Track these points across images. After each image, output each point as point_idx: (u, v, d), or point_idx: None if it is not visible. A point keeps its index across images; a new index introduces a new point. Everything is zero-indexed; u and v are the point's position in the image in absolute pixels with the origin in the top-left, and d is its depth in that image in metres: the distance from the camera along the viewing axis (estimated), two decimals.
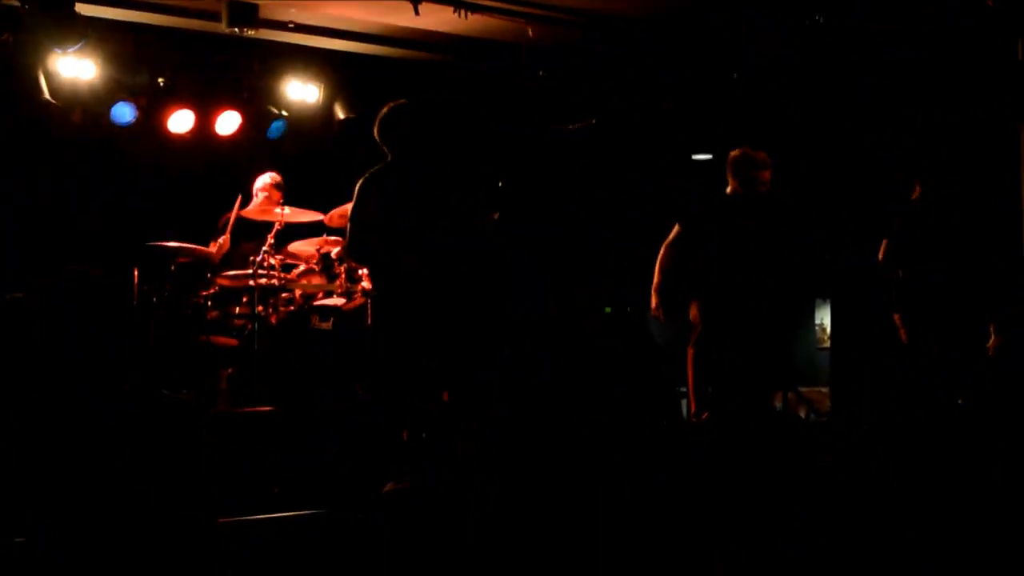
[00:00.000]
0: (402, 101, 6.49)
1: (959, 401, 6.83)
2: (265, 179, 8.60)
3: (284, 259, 8.18)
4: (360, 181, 6.36)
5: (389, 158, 6.43)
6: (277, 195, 8.41)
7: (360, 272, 7.81)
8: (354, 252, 6.64)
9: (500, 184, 7.78)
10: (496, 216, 7.13)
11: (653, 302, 7.57)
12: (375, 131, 6.45)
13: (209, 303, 8.11)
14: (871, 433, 6.98)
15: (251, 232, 8.44)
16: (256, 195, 8.59)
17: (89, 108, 8.40)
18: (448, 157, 6.77)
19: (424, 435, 6.29)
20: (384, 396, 6.55)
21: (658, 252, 7.64)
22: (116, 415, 6.41)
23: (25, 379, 6.73)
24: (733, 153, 7.45)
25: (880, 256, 7.35)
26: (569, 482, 5.80)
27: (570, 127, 9.28)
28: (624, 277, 8.92)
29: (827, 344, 10.01)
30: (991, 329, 6.76)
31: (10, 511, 5.05)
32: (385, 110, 6.44)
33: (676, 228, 7.55)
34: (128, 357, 7.46)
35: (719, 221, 7.43)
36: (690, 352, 7.54)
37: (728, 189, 7.47)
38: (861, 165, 8.86)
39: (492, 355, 6.94)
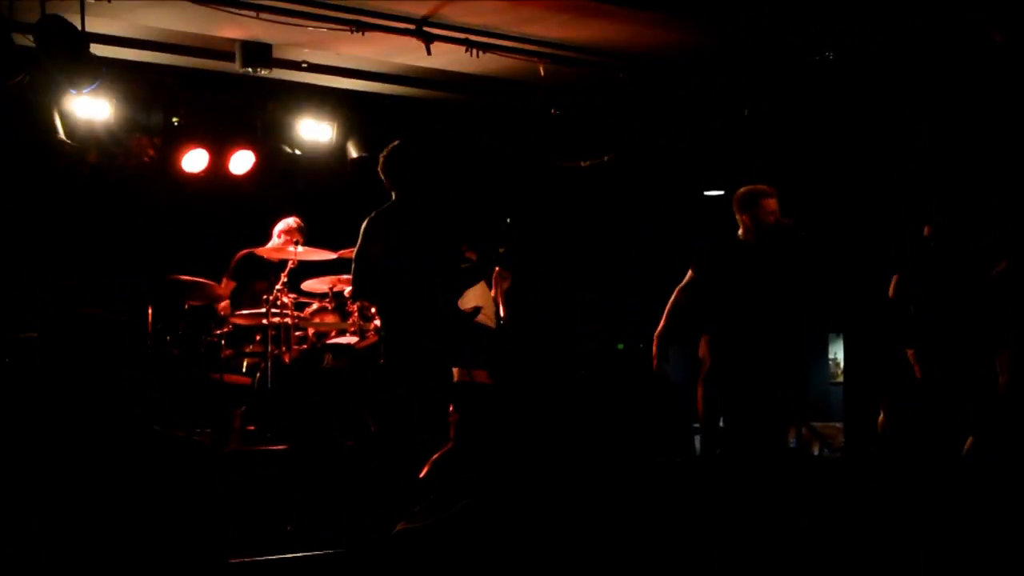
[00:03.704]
0: (403, 142, 6.52)
1: (971, 439, 6.78)
2: (288, 223, 8.61)
3: (297, 298, 8.21)
4: (365, 221, 6.38)
5: (394, 197, 6.46)
6: (298, 237, 8.43)
7: (373, 311, 7.82)
8: (359, 291, 6.66)
9: (508, 220, 7.79)
10: (502, 250, 7.16)
11: (654, 348, 7.56)
12: (380, 170, 6.48)
13: (223, 342, 8.14)
14: (885, 468, 6.96)
15: (265, 271, 8.47)
16: (278, 236, 8.61)
17: (104, 148, 8.46)
18: (453, 195, 6.80)
19: (434, 473, 6.28)
20: (397, 434, 6.55)
21: (668, 290, 7.64)
22: (128, 454, 6.42)
23: (36, 418, 6.74)
24: (738, 193, 7.47)
25: (891, 291, 7.32)
26: (580, 516, 5.80)
27: (583, 163, 9.31)
28: (635, 311, 8.93)
29: (840, 379, 9.98)
30: (997, 367, 6.72)
31: (20, 550, 5.04)
32: (389, 149, 6.47)
33: (689, 273, 7.54)
34: (142, 396, 7.49)
35: (732, 265, 7.43)
36: (700, 388, 7.53)
37: (740, 231, 7.46)
38: (874, 198, 8.84)
39: (499, 389, 6.94)
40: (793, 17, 7.79)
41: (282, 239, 8.55)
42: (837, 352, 10.22)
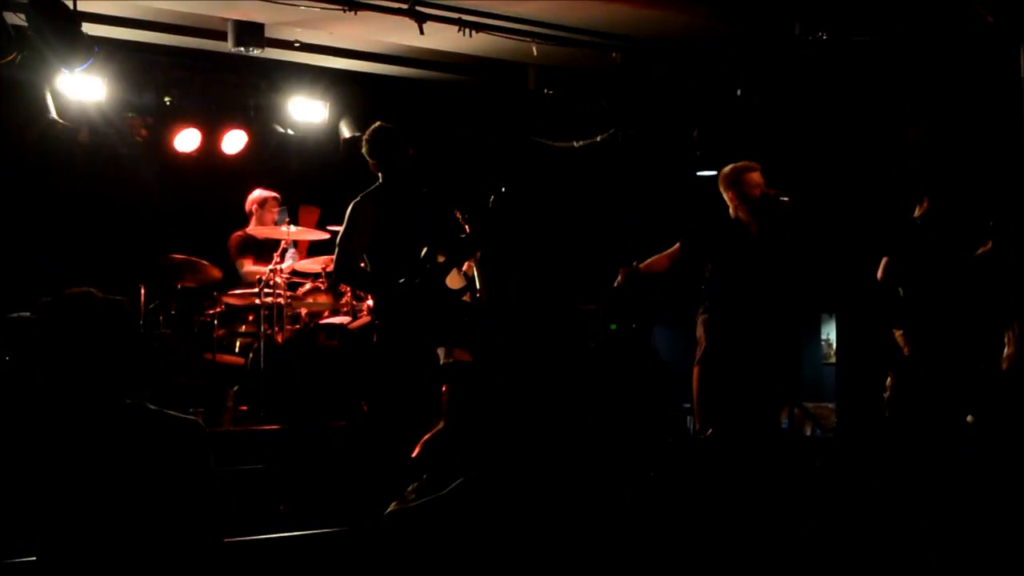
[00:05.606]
0: (387, 123, 6.45)
1: (968, 418, 6.78)
2: (257, 194, 8.72)
3: (290, 278, 8.21)
4: (351, 205, 6.32)
5: (380, 179, 6.42)
6: (261, 213, 8.53)
7: None
8: (341, 275, 6.62)
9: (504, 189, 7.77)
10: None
11: (620, 277, 7.56)
12: (364, 152, 6.41)
13: (215, 322, 8.13)
14: (877, 449, 6.97)
15: (258, 248, 8.50)
16: (251, 211, 8.70)
17: (96, 128, 8.45)
18: (439, 177, 6.76)
19: (426, 453, 6.29)
20: (389, 414, 6.54)
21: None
22: (120, 434, 6.41)
23: (31, 398, 6.74)
24: (721, 172, 7.51)
25: (880, 273, 7.31)
26: (572, 496, 5.80)
27: (576, 144, 9.28)
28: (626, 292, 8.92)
29: (833, 360, 9.99)
30: (1006, 340, 6.69)
31: (15, 532, 5.05)
32: (372, 130, 6.40)
33: (676, 246, 7.58)
34: (134, 376, 7.48)
35: (725, 244, 7.45)
36: (696, 369, 7.53)
37: (730, 210, 7.48)
38: (864, 179, 8.84)
39: (489, 369, 6.93)
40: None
41: (252, 217, 8.61)
42: (829, 333, 10.22)
